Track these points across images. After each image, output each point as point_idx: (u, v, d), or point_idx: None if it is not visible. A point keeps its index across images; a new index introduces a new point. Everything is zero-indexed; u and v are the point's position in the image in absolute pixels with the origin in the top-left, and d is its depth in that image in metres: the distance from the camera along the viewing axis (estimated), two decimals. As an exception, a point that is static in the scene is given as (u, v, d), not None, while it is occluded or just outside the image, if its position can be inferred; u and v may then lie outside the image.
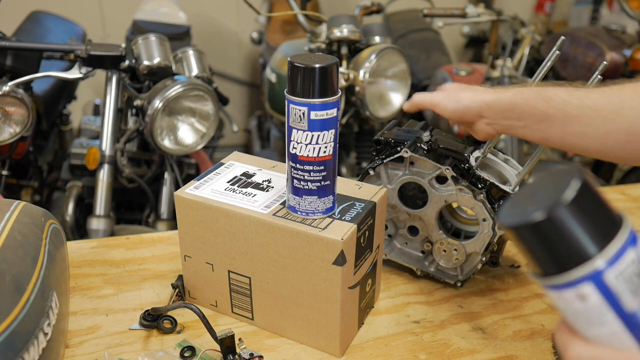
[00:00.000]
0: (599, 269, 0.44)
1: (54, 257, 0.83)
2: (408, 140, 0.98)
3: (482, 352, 0.90)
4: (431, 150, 0.96)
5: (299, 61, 0.75)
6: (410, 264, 1.05)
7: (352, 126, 2.05)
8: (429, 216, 1.00)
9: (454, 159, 0.96)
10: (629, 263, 0.44)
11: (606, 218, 0.45)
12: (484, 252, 0.98)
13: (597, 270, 0.44)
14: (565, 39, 0.89)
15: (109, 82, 1.68)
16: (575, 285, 0.45)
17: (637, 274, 0.45)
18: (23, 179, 2.11)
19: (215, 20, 3.36)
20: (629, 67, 2.52)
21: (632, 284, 0.44)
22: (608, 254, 0.44)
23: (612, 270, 0.44)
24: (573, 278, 0.45)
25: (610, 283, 0.44)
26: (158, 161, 1.85)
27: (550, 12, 3.74)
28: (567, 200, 0.43)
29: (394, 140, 0.98)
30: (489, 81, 2.34)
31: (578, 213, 0.44)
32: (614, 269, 0.44)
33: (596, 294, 0.45)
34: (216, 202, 0.87)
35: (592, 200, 0.45)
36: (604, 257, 0.44)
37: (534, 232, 0.45)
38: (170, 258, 1.10)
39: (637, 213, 1.32)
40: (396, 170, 1.00)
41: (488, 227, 0.96)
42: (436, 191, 0.98)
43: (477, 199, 0.95)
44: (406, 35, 2.91)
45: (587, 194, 0.44)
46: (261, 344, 0.90)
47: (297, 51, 2.17)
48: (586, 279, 0.44)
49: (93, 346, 0.88)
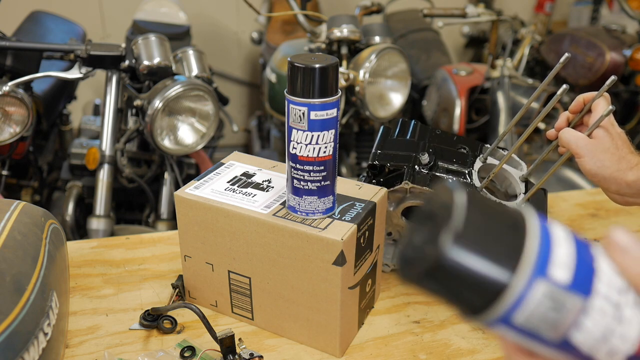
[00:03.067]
0: (503, 316, 0.38)
1: (54, 257, 0.83)
2: (405, 163, 0.95)
3: (482, 352, 0.90)
4: (430, 172, 0.94)
5: (299, 61, 0.75)
6: None
7: (352, 126, 2.05)
8: None
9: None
10: (540, 299, 0.37)
11: (502, 246, 0.37)
12: None
13: (501, 317, 0.38)
14: (569, 55, 0.86)
15: (109, 82, 1.68)
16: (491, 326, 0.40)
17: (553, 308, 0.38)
18: (23, 179, 2.11)
19: (215, 20, 3.36)
20: (629, 67, 2.52)
21: (547, 321, 0.38)
22: (508, 301, 0.37)
23: (520, 313, 0.38)
24: (485, 321, 0.39)
25: (522, 325, 0.38)
26: (158, 161, 1.85)
27: (550, 12, 3.74)
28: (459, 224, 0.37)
29: (391, 166, 0.97)
30: (490, 81, 2.34)
31: (466, 252, 0.37)
32: (522, 311, 0.38)
33: (514, 334, 0.40)
34: (216, 202, 0.87)
35: (481, 228, 0.37)
36: (504, 305, 0.37)
37: (427, 282, 0.39)
38: (170, 258, 1.10)
39: (637, 213, 1.32)
40: (397, 193, 0.98)
41: None
42: None
43: None
44: (406, 35, 2.91)
45: (473, 223, 0.37)
46: (261, 344, 0.90)
47: (297, 51, 2.17)
48: (497, 322, 0.39)
49: (93, 346, 0.88)
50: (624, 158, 0.80)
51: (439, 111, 2.46)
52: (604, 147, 0.80)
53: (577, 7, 3.70)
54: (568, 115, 0.90)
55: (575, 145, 0.82)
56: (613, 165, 0.79)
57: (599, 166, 0.80)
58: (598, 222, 1.28)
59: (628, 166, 0.79)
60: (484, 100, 2.40)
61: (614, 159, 0.79)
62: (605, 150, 0.80)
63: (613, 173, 0.79)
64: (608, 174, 0.80)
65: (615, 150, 0.80)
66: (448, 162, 0.96)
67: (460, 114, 2.36)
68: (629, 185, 0.79)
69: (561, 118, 0.90)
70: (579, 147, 0.81)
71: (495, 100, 2.28)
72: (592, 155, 0.80)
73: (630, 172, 0.79)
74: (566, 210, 1.33)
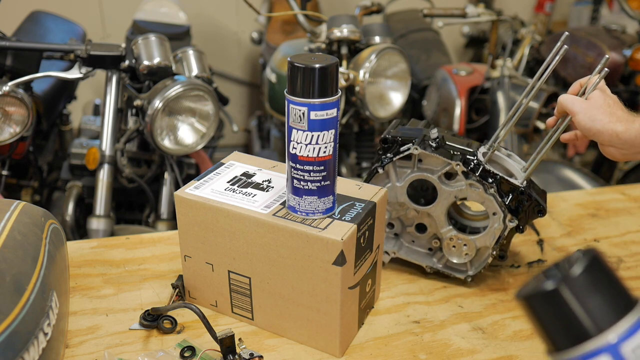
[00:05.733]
0: (616, 341, 0.43)
1: (54, 257, 0.83)
2: (415, 137, 0.98)
3: (482, 352, 0.90)
4: (439, 147, 0.97)
5: (299, 61, 0.75)
6: (419, 261, 1.06)
7: (352, 126, 2.05)
8: (438, 212, 1.01)
9: (463, 155, 0.97)
10: None
11: (619, 293, 0.45)
12: (494, 246, 0.99)
13: (613, 343, 0.43)
14: (568, 34, 0.92)
15: (109, 82, 1.68)
16: (591, 358, 0.44)
17: None
18: (23, 179, 2.11)
19: (215, 20, 3.36)
20: (629, 67, 2.52)
21: None
22: (625, 326, 0.43)
23: (629, 343, 0.43)
24: (589, 349, 0.43)
25: (627, 356, 0.43)
26: (158, 161, 1.85)
27: (550, 12, 3.74)
28: (577, 271, 0.44)
29: (402, 139, 0.99)
30: (490, 81, 2.34)
31: (589, 284, 0.44)
32: (632, 342, 0.43)
33: None
34: (216, 202, 0.87)
35: (604, 275, 0.45)
36: (621, 328, 0.43)
37: (545, 302, 0.45)
38: (170, 258, 1.10)
39: (637, 213, 1.32)
40: (405, 168, 1.01)
41: (499, 221, 0.97)
42: (446, 187, 0.98)
43: (488, 193, 0.96)
44: (406, 35, 2.91)
45: (599, 269, 0.45)
46: (261, 344, 0.90)
47: (297, 51, 2.17)
48: (603, 351, 0.43)
49: (93, 346, 0.88)
50: (614, 114, 0.87)
51: (439, 111, 2.46)
52: (596, 105, 0.88)
53: (577, 7, 3.70)
54: None
55: (571, 104, 0.89)
56: (604, 119, 0.86)
57: (592, 120, 0.87)
58: (598, 222, 1.28)
59: (617, 119, 0.86)
60: (484, 100, 2.40)
61: (605, 114, 0.86)
62: (597, 108, 0.87)
63: (605, 125, 0.86)
64: (600, 127, 0.86)
65: (607, 107, 0.87)
66: (455, 143, 0.99)
67: (460, 114, 2.36)
68: (618, 136, 0.85)
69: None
70: (574, 105, 0.89)
71: (495, 100, 2.28)
72: (585, 112, 0.87)
73: (619, 123, 0.85)
74: (566, 210, 1.33)
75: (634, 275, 1.11)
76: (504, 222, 0.97)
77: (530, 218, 0.98)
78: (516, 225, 0.97)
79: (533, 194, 0.97)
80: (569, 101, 0.90)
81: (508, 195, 0.96)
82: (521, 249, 1.17)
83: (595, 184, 1.91)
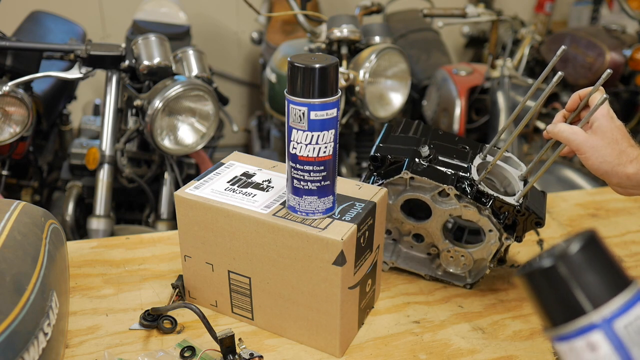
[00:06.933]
0: (609, 316, 0.45)
1: (54, 257, 0.83)
2: (406, 156, 0.96)
3: (482, 352, 0.90)
4: (430, 166, 0.95)
5: (299, 61, 0.75)
6: (418, 269, 1.05)
7: (352, 126, 2.05)
8: (433, 228, 1.00)
9: (455, 173, 0.95)
10: (638, 316, 0.45)
11: (614, 272, 0.46)
12: (492, 260, 0.99)
13: (607, 318, 0.45)
14: (565, 48, 0.88)
15: (109, 82, 1.68)
16: (585, 333, 0.45)
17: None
18: (23, 179, 2.11)
19: (215, 20, 3.36)
20: (629, 67, 2.52)
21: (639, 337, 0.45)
22: (618, 303, 0.45)
23: (622, 320, 0.45)
24: (583, 324, 0.45)
25: (620, 333, 0.45)
26: (158, 161, 1.85)
27: (550, 12, 3.74)
28: (574, 249, 0.46)
29: (392, 157, 0.97)
30: (490, 81, 2.33)
31: (585, 262, 0.46)
32: (624, 319, 0.45)
33: (606, 343, 0.45)
34: (216, 202, 0.87)
35: (601, 254, 0.47)
36: (615, 305, 0.45)
37: (543, 279, 0.47)
38: (170, 258, 1.10)
39: (637, 213, 1.32)
40: (398, 186, 0.99)
41: (495, 238, 0.96)
42: (439, 205, 0.97)
43: (482, 214, 0.94)
44: (406, 35, 2.91)
45: (595, 248, 0.47)
46: (261, 344, 0.90)
47: (297, 51, 2.17)
48: (596, 326, 0.45)
49: (93, 346, 0.88)
50: (624, 152, 0.81)
51: (439, 111, 2.46)
52: (604, 143, 0.82)
53: (577, 7, 3.70)
54: (564, 113, 0.91)
55: (575, 142, 0.83)
56: (614, 160, 0.81)
57: (601, 161, 0.82)
58: (598, 222, 1.28)
59: (628, 159, 0.81)
60: (484, 100, 2.40)
61: (614, 154, 0.81)
62: (605, 146, 0.81)
63: (614, 167, 0.81)
64: (609, 169, 0.82)
65: (615, 144, 0.82)
66: (448, 157, 0.97)
67: (460, 114, 2.36)
68: (629, 178, 0.81)
69: (557, 117, 0.91)
70: (579, 143, 0.83)
71: (495, 100, 2.28)
72: (592, 152, 0.82)
73: (630, 165, 0.81)
74: (566, 210, 1.33)
75: (634, 275, 1.11)
76: (500, 240, 0.96)
77: (528, 229, 0.97)
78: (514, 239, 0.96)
79: (531, 207, 0.94)
80: (572, 138, 0.83)
81: (504, 213, 0.95)
82: (521, 249, 1.17)
83: (595, 184, 1.91)
